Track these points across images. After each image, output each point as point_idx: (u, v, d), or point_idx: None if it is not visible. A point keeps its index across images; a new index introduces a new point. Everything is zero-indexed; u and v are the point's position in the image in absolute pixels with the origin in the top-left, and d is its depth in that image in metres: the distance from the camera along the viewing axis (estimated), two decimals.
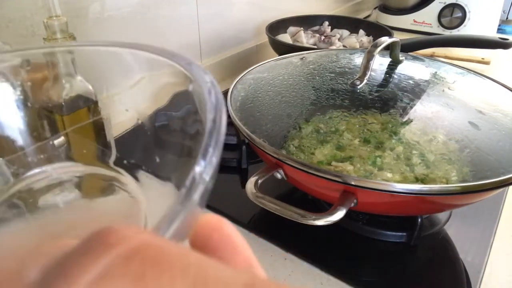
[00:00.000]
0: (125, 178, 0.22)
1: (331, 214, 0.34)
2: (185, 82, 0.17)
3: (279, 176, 0.41)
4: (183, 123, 0.19)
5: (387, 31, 0.89)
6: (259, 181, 0.39)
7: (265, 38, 0.91)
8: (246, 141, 0.56)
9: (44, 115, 0.43)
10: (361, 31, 0.97)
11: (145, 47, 0.20)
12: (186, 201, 0.11)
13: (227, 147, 0.60)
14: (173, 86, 0.20)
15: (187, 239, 0.13)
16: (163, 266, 0.09)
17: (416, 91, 0.50)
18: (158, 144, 0.23)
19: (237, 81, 0.54)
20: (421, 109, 0.48)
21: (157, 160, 0.22)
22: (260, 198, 0.37)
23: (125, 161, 0.24)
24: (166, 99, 0.21)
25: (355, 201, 0.36)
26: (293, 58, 0.62)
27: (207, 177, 0.12)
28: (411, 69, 0.56)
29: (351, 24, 1.00)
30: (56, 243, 0.11)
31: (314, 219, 0.34)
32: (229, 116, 0.47)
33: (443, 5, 1.15)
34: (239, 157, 0.56)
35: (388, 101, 0.49)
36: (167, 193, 0.20)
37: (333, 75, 0.58)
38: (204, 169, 0.12)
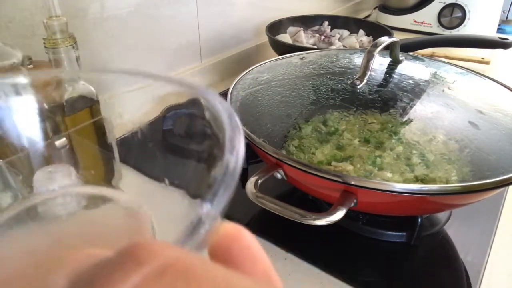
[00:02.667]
0: (127, 195, 0.22)
1: (331, 214, 0.34)
2: (185, 94, 0.17)
3: (279, 176, 0.41)
4: (191, 126, 0.19)
5: (387, 31, 0.89)
6: (259, 181, 0.39)
7: (265, 38, 0.91)
8: (246, 141, 0.56)
9: (46, 116, 0.43)
10: (361, 31, 0.97)
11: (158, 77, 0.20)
12: (208, 215, 0.11)
13: None
14: (173, 97, 0.20)
15: (206, 249, 0.13)
16: (193, 282, 0.09)
17: (416, 91, 0.50)
18: (165, 149, 0.23)
19: (237, 81, 0.54)
20: (421, 109, 0.48)
21: (165, 165, 0.22)
22: (260, 198, 0.37)
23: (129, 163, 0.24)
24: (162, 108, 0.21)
25: (355, 201, 0.36)
26: (293, 58, 0.62)
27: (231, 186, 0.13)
28: (411, 69, 0.56)
29: (351, 24, 1.00)
30: (82, 252, 0.11)
31: (314, 219, 0.34)
32: None
33: (443, 5, 1.15)
34: None
35: (388, 101, 0.49)
36: (176, 199, 0.20)
37: (333, 75, 0.58)
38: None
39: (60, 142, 0.40)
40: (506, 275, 0.41)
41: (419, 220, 0.42)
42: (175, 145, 0.22)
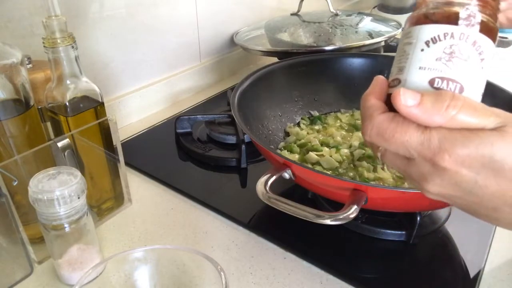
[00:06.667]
0: None
1: (346, 212, 0.34)
2: None
3: (287, 176, 0.40)
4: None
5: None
6: (269, 182, 0.38)
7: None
8: (246, 140, 0.56)
9: (48, 116, 0.43)
10: None
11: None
12: None
13: (226, 146, 0.60)
14: None
15: None
16: None
17: None
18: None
19: (239, 81, 0.54)
20: None
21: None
22: (272, 199, 0.36)
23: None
24: None
25: (365, 198, 0.36)
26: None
27: None
28: None
29: None
30: None
31: (329, 218, 0.34)
32: (232, 116, 0.47)
33: None
34: (239, 156, 0.56)
35: None
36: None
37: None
38: None
39: (63, 143, 0.40)
40: (506, 272, 0.41)
41: (418, 218, 0.42)
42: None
